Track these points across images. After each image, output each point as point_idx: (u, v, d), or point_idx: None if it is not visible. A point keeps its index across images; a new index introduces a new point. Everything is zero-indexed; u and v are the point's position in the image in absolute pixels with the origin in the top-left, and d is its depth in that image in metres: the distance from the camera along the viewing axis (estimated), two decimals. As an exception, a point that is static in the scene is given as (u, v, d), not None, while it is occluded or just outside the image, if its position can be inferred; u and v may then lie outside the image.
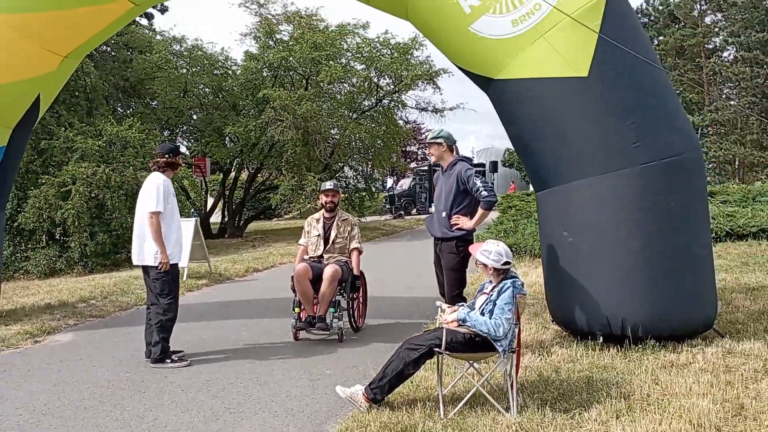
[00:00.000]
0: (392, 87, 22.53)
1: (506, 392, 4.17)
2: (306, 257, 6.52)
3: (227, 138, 21.22)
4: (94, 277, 11.70)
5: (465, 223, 5.43)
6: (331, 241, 6.46)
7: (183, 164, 5.72)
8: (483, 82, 5.74)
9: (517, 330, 4.22)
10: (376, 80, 22.11)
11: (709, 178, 32.41)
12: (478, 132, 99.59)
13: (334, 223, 6.54)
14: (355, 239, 6.56)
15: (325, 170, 21.34)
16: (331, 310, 6.17)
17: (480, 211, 5.40)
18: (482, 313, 4.22)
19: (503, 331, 4.07)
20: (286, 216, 33.41)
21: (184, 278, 10.29)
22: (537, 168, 5.75)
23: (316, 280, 6.16)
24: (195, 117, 21.61)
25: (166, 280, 5.56)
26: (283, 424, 4.15)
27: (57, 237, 13.51)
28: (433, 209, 6.06)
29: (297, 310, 6.22)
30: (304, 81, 21.26)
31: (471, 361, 4.50)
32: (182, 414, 4.36)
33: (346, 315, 6.52)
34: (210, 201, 24.33)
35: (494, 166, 38.80)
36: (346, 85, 22.16)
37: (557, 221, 5.58)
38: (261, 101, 19.62)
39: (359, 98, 22.66)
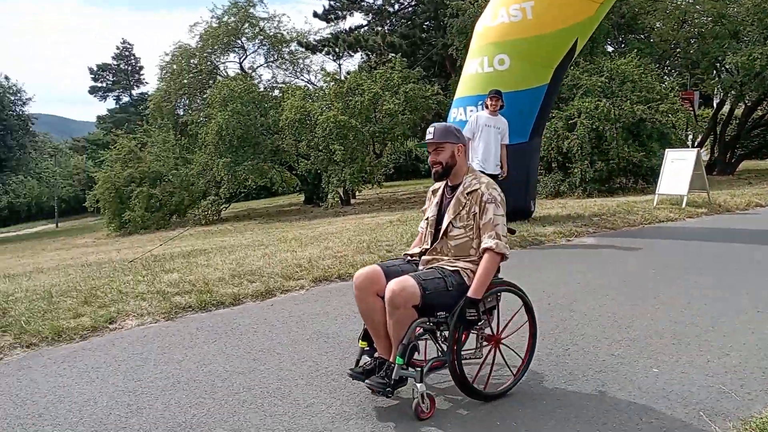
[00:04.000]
0: None
1: None
2: (416, 249, 3.59)
3: (723, 69, 19.95)
4: (595, 200, 13.28)
5: None
6: (442, 231, 3.42)
7: None
8: None
9: None
10: None
11: None
12: None
13: (454, 198, 3.43)
14: (489, 230, 3.27)
15: None
16: (399, 360, 3.10)
17: None
18: None
19: None
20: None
21: (683, 205, 10.82)
22: None
23: None
24: (687, 49, 20.89)
25: None
26: None
27: (556, 165, 15.66)
28: None
29: (362, 344, 3.45)
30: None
31: None
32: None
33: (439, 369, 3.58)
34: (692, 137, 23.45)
35: None
36: None
37: None
38: (771, 25, 17.67)
39: None
